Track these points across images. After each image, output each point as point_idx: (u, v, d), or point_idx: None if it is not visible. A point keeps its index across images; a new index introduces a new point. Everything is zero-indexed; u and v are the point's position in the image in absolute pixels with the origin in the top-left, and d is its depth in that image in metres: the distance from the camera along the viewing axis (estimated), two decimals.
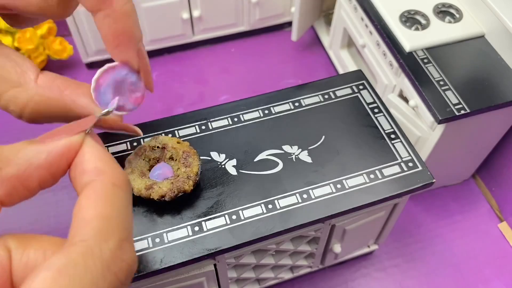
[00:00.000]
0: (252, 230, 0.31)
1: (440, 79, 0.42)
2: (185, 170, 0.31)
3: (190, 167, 0.31)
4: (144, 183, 0.31)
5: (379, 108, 0.38)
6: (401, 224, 0.52)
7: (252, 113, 0.38)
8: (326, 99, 0.39)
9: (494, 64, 0.43)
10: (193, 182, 0.31)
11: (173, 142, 0.33)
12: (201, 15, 0.63)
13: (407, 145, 0.36)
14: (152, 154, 0.33)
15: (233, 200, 0.33)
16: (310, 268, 0.45)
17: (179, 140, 0.33)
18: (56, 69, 0.66)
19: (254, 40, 0.70)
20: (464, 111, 0.40)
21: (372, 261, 0.49)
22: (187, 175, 0.31)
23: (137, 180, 0.31)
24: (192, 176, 0.31)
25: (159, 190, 0.30)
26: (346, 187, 0.34)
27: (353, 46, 0.62)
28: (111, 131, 0.29)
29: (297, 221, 0.32)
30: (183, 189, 0.31)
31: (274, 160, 0.35)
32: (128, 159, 0.32)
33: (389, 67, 0.47)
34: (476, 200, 0.54)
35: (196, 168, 0.31)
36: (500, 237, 0.51)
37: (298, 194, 0.33)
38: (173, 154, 0.32)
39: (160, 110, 0.62)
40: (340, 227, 0.38)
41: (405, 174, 0.34)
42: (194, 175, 0.31)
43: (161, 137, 0.33)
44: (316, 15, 0.67)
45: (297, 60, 0.68)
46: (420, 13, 0.47)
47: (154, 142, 0.33)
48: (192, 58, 0.68)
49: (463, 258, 0.50)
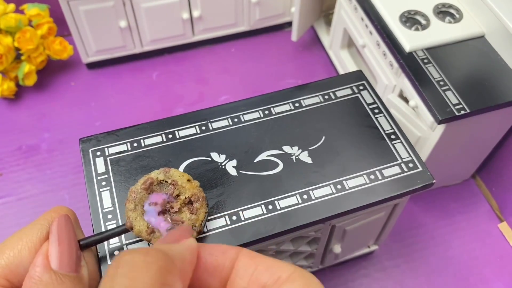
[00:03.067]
0: (252, 230, 0.31)
1: (440, 79, 0.42)
2: (190, 217, 0.29)
3: (196, 214, 0.29)
4: (146, 226, 0.28)
5: (379, 108, 0.38)
6: (401, 225, 0.52)
7: (252, 114, 0.38)
8: (326, 99, 0.39)
9: (494, 64, 0.43)
10: (197, 233, 0.29)
11: (183, 180, 0.30)
12: (201, 15, 0.63)
13: (407, 146, 0.36)
14: (159, 189, 0.30)
15: (233, 201, 0.33)
16: (310, 268, 0.45)
17: (190, 178, 0.31)
18: (56, 69, 0.66)
19: (254, 40, 0.70)
20: (464, 111, 0.40)
21: (372, 262, 0.49)
22: (192, 224, 0.29)
23: (139, 220, 0.28)
24: (197, 226, 0.29)
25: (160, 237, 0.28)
26: (347, 187, 0.34)
27: (353, 46, 0.62)
28: None
29: (297, 221, 0.32)
30: None
31: (275, 160, 0.35)
32: (132, 190, 0.30)
33: (389, 67, 0.47)
34: (476, 200, 0.54)
35: (202, 216, 0.30)
36: (500, 237, 0.51)
37: (298, 195, 0.33)
38: (181, 193, 0.30)
39: (160, 110, 0.62)
40: (340, 227, 0.38)
41: (405, 174, 0.34)
42: (199, 225, 0.29)
43: (171, 171, 0.30)
44: (316, 15, 0.67)
45: (297, 60, 0.68)
46: (420, 13, 0.47)
47: (163, 176, 0.30)
48: (192, 58, 0.68)
49: (463, 258, 0.50)
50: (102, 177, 0.34)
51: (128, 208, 0.29)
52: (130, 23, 0.61)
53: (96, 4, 0.57)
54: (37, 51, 0.60)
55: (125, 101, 0.63)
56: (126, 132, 0.36)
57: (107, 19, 0.59)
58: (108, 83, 0.65)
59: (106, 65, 0.66)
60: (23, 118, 0.61)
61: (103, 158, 0.35)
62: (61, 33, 0.67)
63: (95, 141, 0.36)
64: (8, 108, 0.62)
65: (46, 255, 0.23)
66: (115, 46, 0.63)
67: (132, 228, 0.28)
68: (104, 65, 0.66)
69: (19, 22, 0.57)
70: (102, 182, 0.33)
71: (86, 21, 0.59)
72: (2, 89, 0.60)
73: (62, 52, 0.62)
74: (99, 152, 0.35)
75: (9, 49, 0.57)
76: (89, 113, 0.61)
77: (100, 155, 0.35)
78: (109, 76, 0.65)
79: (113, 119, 0.61)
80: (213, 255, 0.21)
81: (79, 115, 0.61)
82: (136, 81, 0.65)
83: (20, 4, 0.62)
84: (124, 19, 0.60)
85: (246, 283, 0.20)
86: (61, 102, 0.63)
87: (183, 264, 0.19)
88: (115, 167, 0.34)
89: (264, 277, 0.20)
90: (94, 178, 0.33)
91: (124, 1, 0.58)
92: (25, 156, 0.57)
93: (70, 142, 0.58)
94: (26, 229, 0.25)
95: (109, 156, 0.35)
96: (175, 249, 0.19)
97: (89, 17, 0.58)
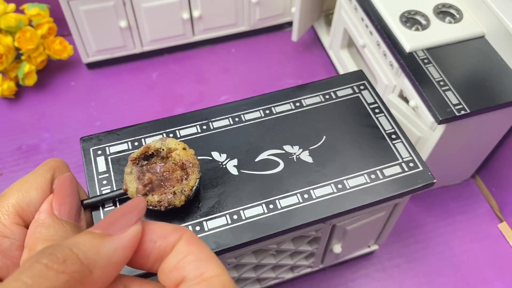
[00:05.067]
0: (253, 230, 0.31)
1: (440, 79, 0.42)
2: (182, 182, 0.30)
3: (188, 179, 0.30)
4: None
5: (380, 108, 0.38)
6: (401, 224, 0.52)
7: (253, 113, 0.38)
8: (327, 99, 0.39)
9: (494, 64, 0.43)
10: (186, 198, 0.30)
11: (179, 148, 0.31)
12: (201, 15, 0.63)
13: (408, 145, 0.36)
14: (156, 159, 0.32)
15: (234, 200, 0.33)
16: (311, 268, 0.45)
17: (186, 146, 0.32)
18: (56, 69, 0.66)
19: (254, 40, 0.70)
20: (464, 112, 0.40)
21: (372, 261, 0.49)
22: (181, 189, 0.30)
23: (133, 183, 0.30)
24: (187, 191, 0.30)
25: (150, 199, 0.30)
26: (347, 187, 0.34)
27: (353, 46, 0.62)
28: None
29: (298, 221, 0.32)
30: (173, 203, 0.30)
31: (275, 160, 0.35)
32: (132, 156, 0.32)
33: (389, 67, 0.47)
34: (476, 200, 0.54)
35: (193, 182, 0.30)
36: (500, 237, 0.51)
37: (299, 194, 0.33)
38: (175, 160, 0.31)
39: (160, 110, 0.62)
40: (341, 227, 0.38)
41: (406, 174, 0.35)
42: (189, 190, 0.30)
43: (168, 139, 0.32)
44: (316, 15, 0.67)
45: (297, 60, 0.68)
46: (420, 13, 0.47)
47: (160, 144, 0.32)
48: (192, 58, 0.68)
49: (463, 258, 0.50)
50: (103, 176, 0.33)
51: (126, 171, 0.31)
52: (130, 23, 0.61)
53: (96, 4, 0.57)
54: (37, 51, 0.60)
55: (125, 101, 0.63)
56: (127, 131, 0.36)
57: (107, 19, 0.59)
58: (108, 83, 0.65)
59: (106, 65, 0.66)
60: (23, 118, 0.61)
61: (104, 157, 0.35)
62: (61, 33, 0.67)
63: (96, 140, 0.36)
64: (8, 108, 0.62)
65: (50, 203, 0.25)
66: (115, 46, 0.63)
67: (127, 190, 0.30)
68: (104, 65, 0.66)
69: (19, 22, 0.57)
70: (103, 181, 0.33)
71: (86, 21, 0.59)
72: (2, 89, 0.60)
73: (62, 52, 0.62)
74: (100, 151, 0.35)
75: (9, 49, 0.57)
76: (89, 113, 0.61)
77: (101, 154, 0.35)
78: (109, 76, 0.65)
79: (113, 119, 0.61)
80: (155, 242, 0.20)
81: (79, 115, 0.61)
82: (136, 81, 0.65)
83: (20, 4, 0.62)
84: (124, 19, 0.60)
85: (172, 267, 0.19)
86: (61, 102, 0.63)
87: (106, 269, 0.18)
88: (116, 166, 0.34)
89: (189, 268, 0.19)
90: (95, 177, 0.33)
91: (124, 1, 0.58)
92: (25, 156, 0.57)
93: (70, 142, 0.58)
94: (30, 174, 0.27)
95: (110, 155, 0.35)
96: (103, 252, 0.18)
97: (89, 17, 0.58)
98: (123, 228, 0.19)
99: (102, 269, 0.18)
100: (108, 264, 0.18)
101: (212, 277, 0.19)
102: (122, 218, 0.20)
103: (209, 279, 0.19)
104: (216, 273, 0.19)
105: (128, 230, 0.19)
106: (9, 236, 0.24)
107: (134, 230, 0.20)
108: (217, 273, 0.19)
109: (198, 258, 0.19)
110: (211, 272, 0.19)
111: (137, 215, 0.20)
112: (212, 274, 0.19)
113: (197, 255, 0.19)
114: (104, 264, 0.18)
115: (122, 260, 0.19)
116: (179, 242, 0.20)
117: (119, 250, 0.19)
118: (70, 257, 0.17)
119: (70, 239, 0.18)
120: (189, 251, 0.20)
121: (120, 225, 0.20)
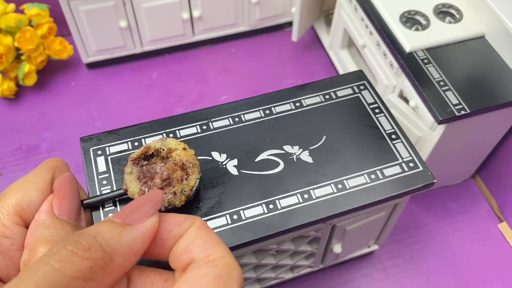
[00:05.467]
0: (253, 230, 0.31)
1: (440, 79, 0.42)
2: (182, 182, 0.30)
3: (188, 179, 0.30)
4: (138, 189, 0.30)
5: (380, 108, 0.38)
6: (401, 224, 0.52)
7: (253, 113, 0.38)
8: (327, 99, 0.39)
9: (494, 64, 0.43)
10: (186, 198, 0.30)
11: (179, 148, 0.31)
12: (201, 15, 0.63)
13: (408, 146, 0.36)
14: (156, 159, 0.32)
15: (234, 200, 0.33)
16: (311, 268, 0.45)
17: (186, 146, 0.32)
18: (56, 69, 0.66)
19: (254, 40, 0.70)
20: (464, 112, 0.40)
21: (372, 261, 0.49)
22: (181, 189, 0.30)
23: (133, 183, 0.30)
24: (187, 191, 0.30)
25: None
26: (347, 187, 0.34)
27: (353, 46, 0.62)
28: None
29: (298, 221, 0.32)
30: (173, 204, 0.30)
31: (275, 160, 0.35)
32: (132, 156, 0.32)
33: (389, 67, 0.47)
34: (476, 200, 0.54)
35: (193, 182, 0.31)
36: (500, 237, 0.51)
37: (299, 194, 0.33)
38: (175, 160, 0.31)
39: (160, 110, 0.62)
40: (341, 227, 0.38)
41: (406, 174, 0.35)
42: (189, 190, 0.30)
43: (168, 139, 0.32)
44: (316, 15, 0.67)
45: (297, 60, 0.68)
46: (420, 13, 0.47)
47: (160, 144, 0.32)
48: (192, 58, 0.68)
49: (463, 258, 0.50)
50: (103, 176, 0.34)
51: (126, 172, 0.31)
52: (130, 23, 0.61)
53: (96, 4, 0.57)
54: (37, 51, 0.60)
55: (125, 101, 0.63)
56: (127, 131, 0.36)
57: (107, 19, 0.59)
58: (108, 83, 0.65)
59: (106, 65, 0.66)
60: (23, 118, 0.61)
61: (104, 157, 0.35)
62: (61, 33, 0.67)
63: (96, 140, 0.36)
64: (8, 108, 0.62)
65: (50, 203, 0.25)
66: (115, 46, 0.63)
67: (127, 191, 0.30)
68: (104, 65, 0.66)
69: (19, 22, 0.57)
70: (103, 181, 0.33)
71: (86, 21, 0.59)
72: (2, 89, 0.60)
73: (62, 52, 0.62)
74: (100, 151, 0.35)
75: (9, 49, 0.57)
76: (89, 113, 0.61)
77: (101, 154, 0.35)
78: (109, 76, 0.65)
79: (113, 119, 0.61)
80: (171, 231, 0.21)
81: (79, 115, 0.61)
82: (136, 81, 0.65)
83: (20, 4, 0.62)
84: (124, 19, 0.60)
85: (182, 250, 0.21)
86: (61, 102, 0.63)
87: (125, 257, 0.19)
88: (116, 166, 0.34)
89: (197, 250, 0.20)
90: (95, 177, 0.33)
91: (124, 1, 0.58)
92: (25, 156, 0.57)
93: (70, 142, 0.58)
94: (30, 174, 0.27)
95: (110, 155, 0.35)
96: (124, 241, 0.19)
97: (89, 17, 0.58)
98: (142, 219, 0.21)
99: (122, 256, 0.19)
100: (128, 252, 0.19)
101: (218, 258, 0.20)
102: (141, 209, 0.21)
103: (215, 260, 0.20)
104: (222, 254, 0.20)
105: (146, 220, 0.21)
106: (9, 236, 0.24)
107: (152, 221, 0.21)
108: (223, 255, 0.20)
109: (205, 241, 0.21)
110: (217, 254, 0.20)
111: (155, 206, 0.21)
112: (218, 255, 0.20)
113: (205, 239, 0.21)
114: (124, 252, 0.19)
115: (141, 249, 0.20)
116: (190, 228, 0.21)
117: (139, 239, 0.20)
118: (94, 244, 0.18)
119: (93, 227, 0.20)
120: (198, 235, 0.21)
121: (139, 216, 0.21)
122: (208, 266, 0.20)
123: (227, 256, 0.20)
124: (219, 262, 0.20)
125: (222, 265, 0.20)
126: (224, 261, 0.20)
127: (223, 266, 0.20)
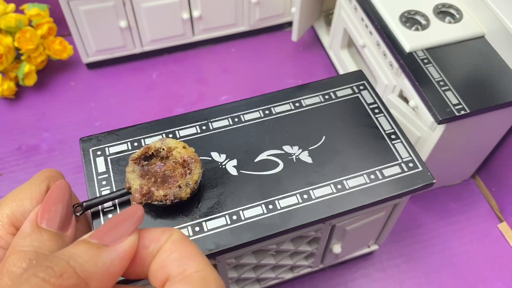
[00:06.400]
0: (253, 230, 0.31)
1: (440, 79, 0.42)
2: (185, 176, 0.31)
3: (191, 174, 0.31)
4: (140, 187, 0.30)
5: (380, 108, 0.38)
6: (401, 225, 0.52)
7: (253, 114, 0.38)
8: (327, 99, 0.39)
9: (494, 64, 0.43)
10: (191, 190, 0.31)
11: (179, 147, 0.32)
12: (201, 15, 0.63)
13: (408, 146, 0.36)
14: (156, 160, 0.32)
15: (233, 201, 0.33)
16: (311, 268, 0.45)
17: (185, 145, 0.32)
18: (56, 69, 0.66)
19: (254, 40, 0.70)
20: (464, 112, 0.40)
21: (372, 261, 0.49)
22: (186, 182, 0.31)
23: (136, 180, 0.31)
24: (191, 184, 0.31)
25: (156, 194, 0.30)
26: (347, 187, 0.34)
27: (353, 46, 0.62)
28: None
29: (297, 221, 0.32)
30: (179, 196, 0.30)
31: (275, 160, 0.35)
32: (133, 156, 0.32)
33: (389, 67, 0.47)
34: (476, 200, 0.54)
35: (196, 176, 0.31)
36: (500, 237, 0.51)
37: (299, 195, 0.33)
38: (176, 158, 0.32)
39: (160, 110, 0.62)
40: (341, 227, 0.38)
41: (406, 174, 0.34)
42: (193, 183, 0.31)
43: (168, 139, 0.32)
44: (316, 15, 0.67)
45: (297, 60, 0.68)
46: (420, 13, 0.47)
47: (160, 144, 0.32)
48: (192, 58, 0.68)
49: (463, 258, 0.50)
50: (103, 177, 0.34)
51: (127, 170, 0.31)
52: (130, 23, 0.61)
53: (96, 4, 0.57)
54: (37, 51, 0.60)
55: (125, 101, 0.63)
56: (127, 131, 0.36)
57: (107, 19, 0.59)
58: (108, 83, 0.65)
59: (106, 65, 0.66)
60: (23, 118, 0.61)
61: (104, 158, 0.35)
62: (61, 33, 0.67)
63: (96, 141, 0.36)
64: (8, 108, 0.62)
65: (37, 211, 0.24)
66: (115, 46, 0.63)
67: (130, 188, 0.30)
68: (104, 65, 0.66)
69: (19, 22, 0.57)
70: (103, 182, 0.33)
71: (86, 21, 0.59)
72: (2, 89, 0.60)
73: (62, 52, 0.62)
74: (100, 152, 0.35)
75: (9, 49, 0.57)
76: (89, 113, 0.61)
77: (101, 155, 0.35)
78: (109, 76, 0.65)
79: (113, 119, 0.61)
80: (147, 248, 0.20)
81: (79, 115, 0.61)
82: (136, 81, 0.65)
83: (20, 4, 0.62)
84: (124, 19, 0.60)
85: (158, 266, 0.20)
86: (61, 102, 0.63)
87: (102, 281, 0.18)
88: (116, 167, 0.34)
89: (172, 266, 0.19)
90: (94, 178, 0.33)
91: (124, 1, 0.58)
92: (25, 156, 0.57)
93: (70, 142, 0.58)
94: (25, 184, 0.26)
95: (109, 155, 0.35)
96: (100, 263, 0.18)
97: (89, 17, 0.58)
98: (120, 238, 0.19)
99: (98, 281, 0.18)
100: (105, 276, 0.18)
101: (193, 273, 0.19)
102: (119, 227, 0.20)
103: (190, 276, 0.19)
104: (197, 268, 0.19)
105: (125, 240, 0.19)
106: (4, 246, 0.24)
107: (131, 240, 0.19)
108: (198, 269, 0.19)
109: (181, 255, 0.19)
110: (192, 269, 0.19)
111: (135, 224, 0.20)
112: (194, 270, 0.19)
113: (181, 253, 0.20)
114: (101, 276, 0.18)
115: (119, 271, 0.19)
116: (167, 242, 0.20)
117: (116, 261, 0.19)
118: (67, 270, 0.17)
119: (67, 249, 0.18)
120: (174, 249, 0.20)
121: (116, 235, 0.19)
122: (182, 283, 0.19)
123: (203, 269, 0.19)
124: (194, 277, 0.19)
125: (197, 280, 0.19)
126: (200, 276, 0.19)
127: (198, 281, 0.19)
